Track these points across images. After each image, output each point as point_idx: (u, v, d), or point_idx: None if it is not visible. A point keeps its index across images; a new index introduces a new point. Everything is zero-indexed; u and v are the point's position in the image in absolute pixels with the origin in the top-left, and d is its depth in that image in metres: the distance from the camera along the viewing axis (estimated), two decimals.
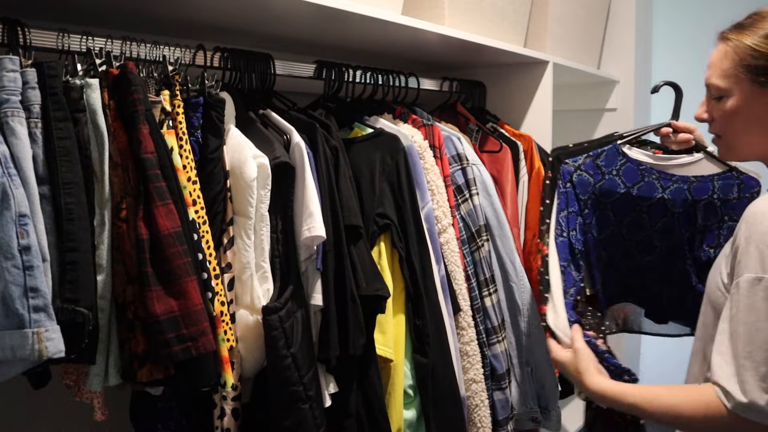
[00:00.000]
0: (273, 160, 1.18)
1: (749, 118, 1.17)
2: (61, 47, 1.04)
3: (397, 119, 1.68)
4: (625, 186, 1.50)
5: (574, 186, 1.47)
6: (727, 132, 1.22)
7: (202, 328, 1.00)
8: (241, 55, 1.31)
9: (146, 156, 1.02)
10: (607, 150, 1.48)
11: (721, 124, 1.22)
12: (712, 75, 1.21)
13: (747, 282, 1.04)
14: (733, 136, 1.21)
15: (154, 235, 1.00)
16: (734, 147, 1.23)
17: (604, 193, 1.49)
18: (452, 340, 1.51)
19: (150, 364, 1.01)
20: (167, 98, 1.13)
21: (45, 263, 0.91)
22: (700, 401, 1.06)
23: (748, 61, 1.14)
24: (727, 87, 1.18)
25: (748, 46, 1.14)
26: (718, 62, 1.19)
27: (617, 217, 1.53)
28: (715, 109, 1.22)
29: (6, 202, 0.87)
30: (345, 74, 1.52)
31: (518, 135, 1.97)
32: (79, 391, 1.10)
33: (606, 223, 1.53)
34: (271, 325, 1.14)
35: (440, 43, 1.70)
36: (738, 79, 1.16)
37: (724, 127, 1.22)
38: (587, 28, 2.44)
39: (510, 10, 1.96)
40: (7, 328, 0.87)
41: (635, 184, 1.50)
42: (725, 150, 1.26)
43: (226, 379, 1.09)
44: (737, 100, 1.17)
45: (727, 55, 1.17)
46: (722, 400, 1.03)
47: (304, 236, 1.20)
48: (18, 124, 0.92)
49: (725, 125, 1.21)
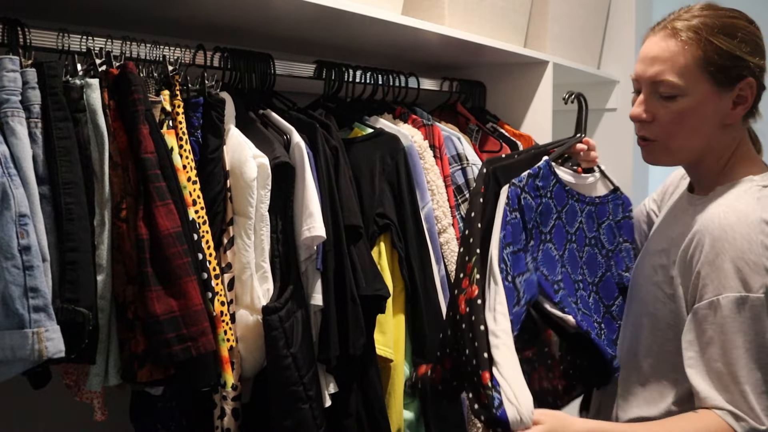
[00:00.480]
0: (273, 160, 1.18)
1: (702, 119, 1.09)
2: (61, 47, 1.04)
3: (397, 119, 1.68)
4: (557, 211, 1.26)
5: (522, 213, 1.16)
6: (671, 134, 1.11)
7: (202, 328, 1.00)
8: (241, 55, 1.31)
9: (146, 156, 1.02)
10: (543, 168, 1.23)
11: (667, 126, 1.10)
12: (664, 71, 1.08)
13: (730, 302, 0.99)
14: (677, 138, 1.11)
15: (154, 235, 1.00)
16: (674, 150, 1.13)
17: (544, 221, 1.23)
18: None
19: (150, 364, 1.01)
20: (167, 98, 1.13)
21: (45, 263, 0.91)
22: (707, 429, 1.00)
23: (712, 59, 1.06)
24: (684, 85, 1.07)
25: (713, 42, 1.06)
26: (671, 57, 1.07)
27: (558, 251, 1.27)
28: (660, 108, 1.10)
29: (6, 202, 0.87)
30: (345, 74, 1.52)
31: (518, 135, 1.98)
32: (79, 391, 1.10)
33: (551, 260, 1.24)
34: (271, 325, 1.14)
35: (440, 43, 1.70)
36: (697, 78, 1.07)
37: (669, 130, 1.11)
38: (587, 28, 2.44)
39: (510, 10, 1.96)
40: (7, 328, 0.87)
41: (563, 208, 1.27)
42: (661, 154, 1.15)
43: (226, 379, 1.09)
44: (693, 101, 1.07)
45: (685, 51, 1.06)
46: (732, 425, 0.98)
47: (304, 236, 1.20)
48: (18, 124, 0.92)
49: (671, 127, 1.10)
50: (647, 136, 1.14)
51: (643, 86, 1.12)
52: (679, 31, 1.08)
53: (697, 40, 1.07)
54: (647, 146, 1.15)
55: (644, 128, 1.14)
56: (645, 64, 1.11)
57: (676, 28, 1.08)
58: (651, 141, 1.14)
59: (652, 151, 1.15)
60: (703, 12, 1.10)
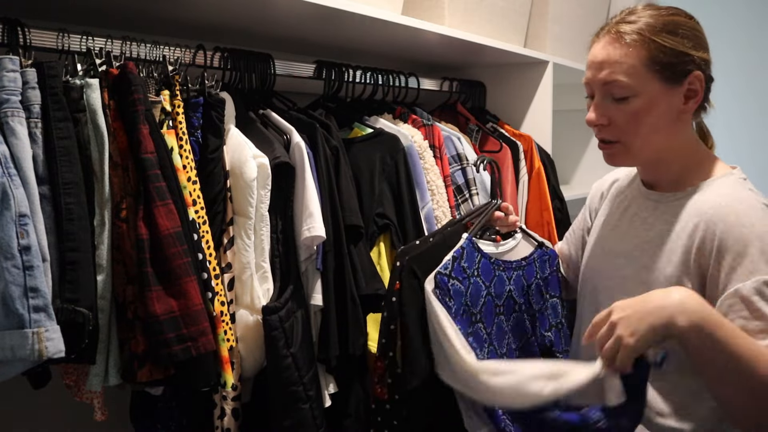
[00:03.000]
0: (273, 160, 1.18)
1: (657, 117, 1.10)
2: (61, 47, 1.04)
3: (397, 119, 1.68)
4: (486, 287, 1.23)
5: (451, 298, 1.14)
6: (630, 135, 1.12)
7: (202, 328, 1.00)
8: (241, 55, 1.31)
9: (146, 156, 1.02)
10: (466, 246, 1.20)
11: (624, 127, 1.11)
12: (613, 73, 1.09)
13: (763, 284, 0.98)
14: (636, 138, 1.12)
15: (154, 235, 1.00)
16: (635, 150, 1.14)
17: (474, 302, 1.20)
18: None
19: (150, 364, 1.01)
20: (167, 98, 1.13)
21: (45, 263, 0.91)
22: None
23: (658, 57, 1.08)
24: (635, 86, 1.08)
25: (657, 41, 1.08)
26: (619, 59, 1.09)
27: (487, 329, 1.23)
28: (615, 111, 1.11)
29: (6, 202, 0.87)
30: (345, 74, 1.52)
31: (518, 135, 1.98)
32: (79, 391, 1.10)
33: (480, 340, 1.21)
34: (271, 325, 1.14)
35: (440, 43, 1.70)
36: (646, 78, 1.08)
37: (627, 130, 1.11)
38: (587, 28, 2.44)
39: (510, 10, 1.96)
40: (7, 328, 0.87)
41: (491, 281, 1.25)
42: (623, 155, 1.15)
43: (226, 379, 1.09)
44: (646, 100, 1.09)
45: (631, 53, 1.08)
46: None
47: (304, 236, 1.20)
48: (18, 124, 0.92)
49: (629, 128, 1.11)
50: (607, 138, 1.14)
51: (596, 90, 1.13)
52: (623, 34, 1.10)
53: (641, 41, 1.09)
54: (608, 149, 1.15)
55: (602, 131, 1.14)
56: (594, 69, 1.13)
57: (620, 32, 1.10)
58: (612, 143, 1.14)
59: (614, 154, 1.16)
60: (645, 13, 1.12)
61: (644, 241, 1.16)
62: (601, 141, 1.16)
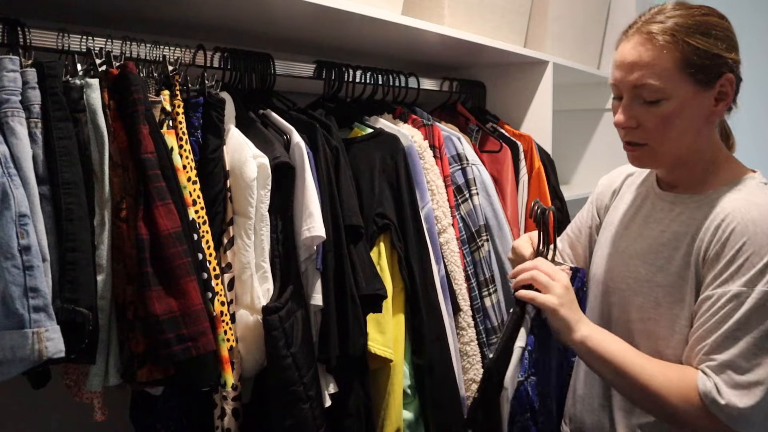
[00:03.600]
0: (273, 160, 1.18)
1: (688, 120, 1.08)
2: (61, 47, 1.04)
3: (397, 119, 1.68)
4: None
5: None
6: (658, 138, 1.09)
7: (202, 328, 1.00)
8: (241, 55, 1.31)
9: (146, 156, 1.02)
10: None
11: (653, 130, 1.08)
12: (644, 76, 1.06)
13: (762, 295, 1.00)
14: (664, 141, 1.09)
15: (154, 235, 1.00)
16: (661, 154, 1.12)
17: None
18: (452, 341, 1.51)
19: (150, 364, 1.01)
20: (167, 98, 1.13)
21: (45, 263, 0.91)
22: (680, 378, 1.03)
23: (691, 60, 1.05)
24: (667, 89, 1.06)
25: (690, 43, 1.05)
26: (651, 62, 1.06)
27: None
28: (644, 113, 1.08)
29: (6, 202, 0.87)
30: (345, 74, 1.52)
31: (518, 135, 1.98)
32: (79, 391, 1.10)
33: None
34: (271, 325, 1.14)
35: (440, 43, 1.70)
36: (679, 81, 1.05)
37: (656, 133, 1.09)
38: (587, 28, 2.44)
39: (510, 10, 1.96)
40: (7, 328, 0.87)
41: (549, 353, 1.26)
42: (650, 158, 1.13)
43: (226, 379, 1.09)
44: (677, 103, 1.06)
45: (664, 55, 1.05)
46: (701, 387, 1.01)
47: (304, 236, 1.20)
48: (18, 124, 0.92)
49: (659, 131, 1.08)
50: (636, 141, 1.12)
51: (624, 92, 1.10)
52: (655, 35, 1.06)
53: (674, 42, 1.05)
54: (635, 151, 1.13)
55: (630, 134, 1.12)
56: (624, 70, 1.09)
57: (652, 32, 1.07)
58: (639, 146, 1.12)
59: (641, 157, 1.14)
60: (676, 12, 1.09)
61: (659, 243, 1.14)
62: (627, 143, 1.13)
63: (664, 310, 1.11)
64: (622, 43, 1.13)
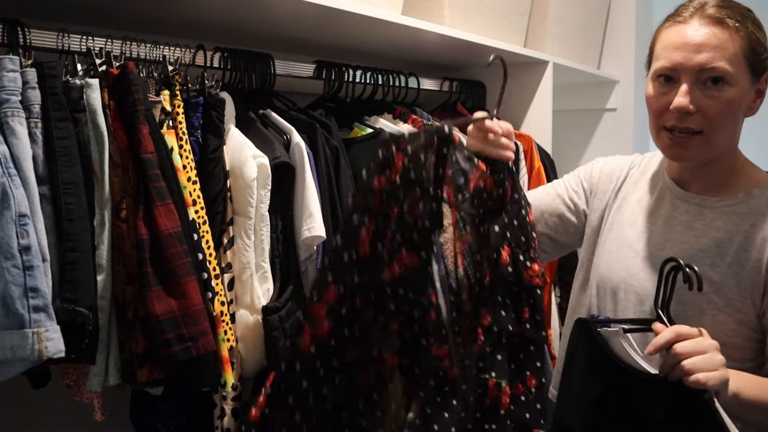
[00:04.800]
0: (273, 160, 1.18)
1: (740, 112, 1.05)
2: (61, 47, 1.04)
3: (397, 119, 1.68)
4: None
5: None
6: (716, 125, 1.04)
7: (202, 328, 1.00)
8: (241, 55, 1.31)
9: (146, 156, 1.02)
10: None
11: (713, 116, 1.03)
12: (714, 58, 1.01)
13: None
14: (720, 130, 1.04)
15: (154, 235, 1.00)
16: (714, 143, 1.06)
17: None
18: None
19: (150, 364, 1.01)
20: (167, 98, 1.13)
21: (45, 263, 0.91)
22: None
23: (754, 48, 1.03)
24: (734, 74, 1.02)
25: (753, 32, 1.03)
26: (720, 45, 1.01)
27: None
28: (705, 99, 1.02)
29: (6, 202, 0.87)
30: (345, 74, 1.52)
31: (518, 135, 1.97)
32: (79, 391, 1.10)
33: None
34: (271, 325, 1.14)
35: (440, 43, 1.69)
36: (743, 68, 1.03)
37: (715, 120, 1.03)
38: (587, 28, 2.44)
39: (510, 10, 1.96)
40: (7, 328, 0.87)
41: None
42: (701, 148, 1.06)
43: (226, 379, 1.09)
44: (739, 90, 1.03)
45: (733, 40, 1.02)
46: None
47: (305, 236, 1.20)
48: (18, 124, 0.92)
49: (718, 117, 1.03)
50: (692, 128, 1.04)
51: (685, 75, 1.03)
52: (725, 18, 1.02)
53: (743, 27, 1.03)
54: (688, 141, 1.05)
55: (687, 120, 1.04)
56: (689, 51, 1.03)
57: (718, 16, 1.03)
58: (693, 134, 1.04)
59: (692, 146, 1.05)
60: (729, 3, 1.06)
61: (697, 248, 1.07)
62: (679, 131, 1.05)
63: (708, 318, 1.04)
64: (673, 27, 1.07)
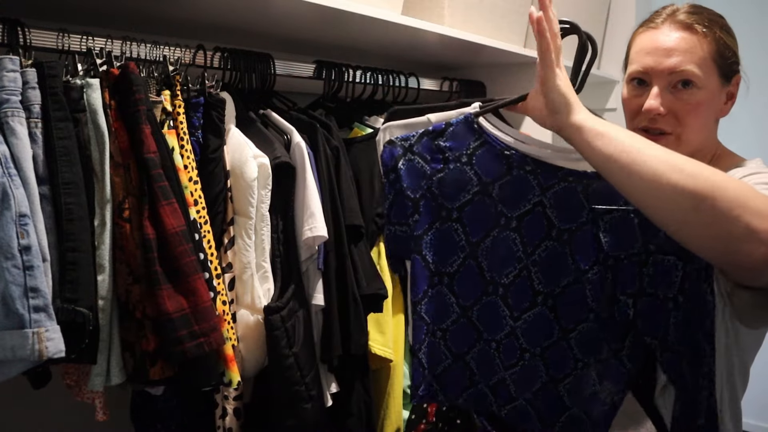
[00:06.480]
0: (273, 160, 1.18)
1: (710, 114, 1.10)
2: (61, 47, 1.04)
3: None
4: (481, 181, 0.98)
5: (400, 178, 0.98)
6: (686, 126, 1.09)
7: (213, 324, 1.01)
8: (241, 55, 1.31)
9: (149, 156, 1.02)
10: (456, 124, 0.96)
11: (683, 118, 1.08)
12: (683, 62, 1.07)
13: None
14: (690, 131, 1.09)
15: (161, 234, 1.00)
16: (685, 144, 1.10)
17: (446, 193, 0.96)
18: None
19: (162, 361, 1.01)
20: (168, 98, 1.13)
21: (45, 263, 0.90)
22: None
23: (722, 53, 1.08)
24: (703, 78, 1.07)
25: (722, 37, 1.08)
26: (690, 49, 1.07)
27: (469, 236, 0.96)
28: (675, 102, 1.08)
29: (6, 202, 0.87)
30: (345, 74, 1.52)
31: None
32: (80, 391, 1.10)
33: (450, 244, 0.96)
34: (273, 325, 1.14)
35: (440, 43, 1.69)
36: (712, 71, 1.08)
37: (685, 122, 1.08)
38: (587, 28, 2.44)
39: (510, 10, 1.96)
40: (7, 328, 0.87)
41: (497, 179, 0.98)
42: (673, 148, 0.97)
43: (231, 377, 1.09)
44: (708, 93, 1.08)
45: (703, 43, 1.07)
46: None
47: (306, 236, 1.20)
48: (18, 124, 0.92)
49: (688, 119, 1.08)
50: (664, 129, 1.09)
51: (656, 79, 1.10)
52: (693, 24, 1.08)
53: (711, 33, 1.07)
54: (658, 140, 1.06)
55: (659, 121, 1.10)
56: (659, 55, 1.09)
57: (687, 22, 1.08)
58: (664, 135, 1.10)
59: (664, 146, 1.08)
60: (701, 9, 1.11)
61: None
62: (651, 132, 1.11)
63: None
64: (646, 32, 1.14)
